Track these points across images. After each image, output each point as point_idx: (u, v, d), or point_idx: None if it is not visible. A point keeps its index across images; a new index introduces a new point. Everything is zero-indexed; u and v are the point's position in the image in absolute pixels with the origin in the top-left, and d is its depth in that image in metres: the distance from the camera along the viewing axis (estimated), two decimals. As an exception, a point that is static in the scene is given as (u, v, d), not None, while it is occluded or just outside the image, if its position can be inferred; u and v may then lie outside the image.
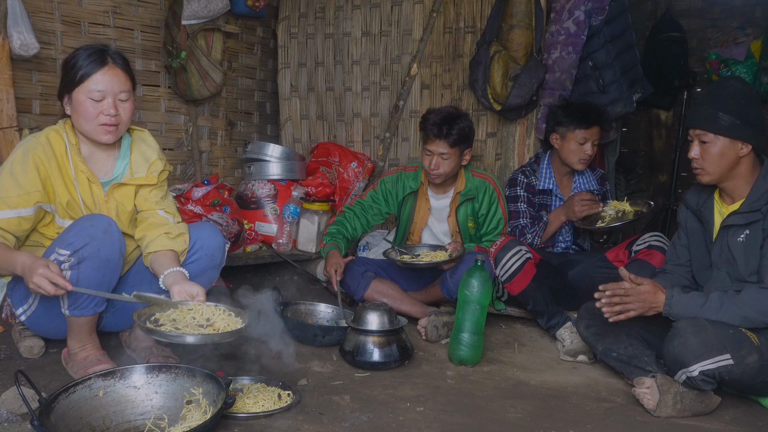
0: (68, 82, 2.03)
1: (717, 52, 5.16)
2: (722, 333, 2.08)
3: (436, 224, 3.21)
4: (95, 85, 2.01)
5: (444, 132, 2.94)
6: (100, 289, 1.95)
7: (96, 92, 2.01)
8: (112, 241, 1.94)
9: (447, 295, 2.95)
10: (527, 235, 3.08)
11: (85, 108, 2.02)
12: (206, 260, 2.21)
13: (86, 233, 1.91)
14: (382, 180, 3.27)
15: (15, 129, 2.77)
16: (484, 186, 3.12)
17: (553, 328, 2.82)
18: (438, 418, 2.01)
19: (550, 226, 3.08)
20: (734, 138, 2.19)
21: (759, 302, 2.10)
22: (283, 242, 3.66)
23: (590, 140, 3.03)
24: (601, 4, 3.39)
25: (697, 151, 2.25)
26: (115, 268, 1.99)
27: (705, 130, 2.21)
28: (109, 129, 2.06)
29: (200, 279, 2.16)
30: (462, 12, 3.75)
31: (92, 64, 2.02)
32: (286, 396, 2.01)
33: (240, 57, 4.13)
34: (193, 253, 2.20)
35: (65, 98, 2.07)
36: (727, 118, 2.17)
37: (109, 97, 2.03)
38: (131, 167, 2.20)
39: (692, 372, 2.05)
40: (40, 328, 2.17)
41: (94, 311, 2.01)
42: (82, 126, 2.06)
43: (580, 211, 2.96)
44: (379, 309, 2.44)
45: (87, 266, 1.90)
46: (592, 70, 3.45)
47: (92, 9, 3.25)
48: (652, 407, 2.12)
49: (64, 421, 1.64)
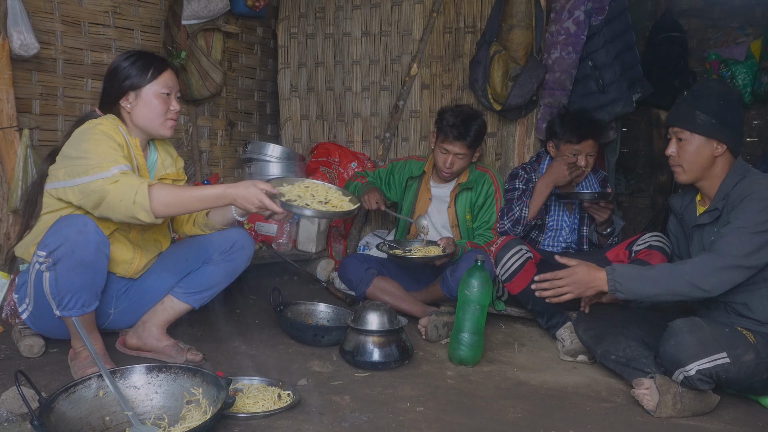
0: (137, 80, 2.14)
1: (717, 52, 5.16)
2: (718, 332, 2.09)
3: (436, 215, 3.24)
4: (166, 81, 2.17)
5: (463, 133, 3.00)
6: (83, 291, 1.95)
7: (166, 88, 2.17)
8: (86, 242, 1.92)
9: (448, 294, 2.96)
10: (514, 209, 3.06)
11: (156, 103, 2.15)
12: (243, 259, 2.33)
13: (60, 234, 1.91)
14: (392, 164, 3.39)
15: (15, 129, 2.77)
16: (483, 178, 3.18)
17: (553, 327, 2.82)
18: (438, 418, 2.01)
19: (538, 195, 3.04)
20: (709, 137, 2.23)
21: (704, 265, 2.12)
22: (283, 242, 3.66)
23: (583, 153, 3.03)
24: (601, 4, 3.39)
25: (674, 149, 2.30)
26: (95, 269, 1.97)
27: (682, 127, 2.27)
28: (173, 124, 2.23)
29: (228, 278, 2.34)
30: (462, 12, 3.75)
31: (159, 63, 2.18)
32: (286, 396, 2.01)
33: (240, 57, 4.13)
34: (234, 251, 2.30)
35: (129, 96, 2.15)
36: (704, 117, 2.21)
37: (173, 94, 2.21)
38: (162, 163, 2.31)
39: (689, 371, 2.06)
40: (40, 326, 2.18)
41: (82, 311, 1.99)
42: (149, 121, 2.17)
43: (569, 171, 2.97)
44: (379, 309, 2.44)
45: (62, 267, 1.91)
46: (592, 70, 3.45)
47: (92, 9, 3.25)
48: (652, 408, 2.12)
49: (64, 421, 1.64)
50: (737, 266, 2.09)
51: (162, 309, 2.31)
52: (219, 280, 2.32)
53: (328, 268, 3.64)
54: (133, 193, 1.91)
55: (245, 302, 3.13)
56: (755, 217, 2.10)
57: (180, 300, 2.31)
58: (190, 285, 2.30)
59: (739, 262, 2.09)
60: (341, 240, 3.96)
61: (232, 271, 2.34)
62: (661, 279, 2.14)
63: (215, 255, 2.29)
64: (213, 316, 2.87)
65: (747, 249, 2.09)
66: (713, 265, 2.11)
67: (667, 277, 2.14)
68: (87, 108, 3.24)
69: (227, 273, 2.32)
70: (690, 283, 2.11)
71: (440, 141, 3.08)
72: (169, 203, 1.97)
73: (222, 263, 2.29)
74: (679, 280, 2.12)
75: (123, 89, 2.15)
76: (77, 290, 1.95)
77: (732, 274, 2.10)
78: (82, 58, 3.22)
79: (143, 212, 1.92)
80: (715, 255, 2.13)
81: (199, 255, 2.30)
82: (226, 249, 2.29)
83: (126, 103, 2.16)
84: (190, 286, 2.30)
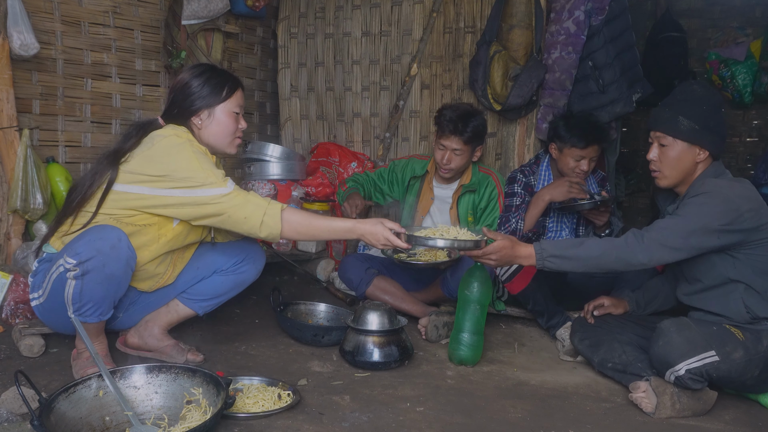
0: (212, 99, 2.16)
1: (717, 52, 5.16)
2: (706, 330, 2.10)
3: (438, 215, 3.24)
4: (238, 101, 2.21)
5: (459, 129, 3.00)
6: (104, 302, 1.98)
7: (238, 107, 2.21)
8: (118, 257, 1.95)
9: (448, 294, 2.96)
10: (511, 221, 3.07)
11: (228, 123, 2.19)
12: (252, 272, 2.37)
13: (94, 246, 1.91)
14: (393, 163, 3.39)
15: (15, 129, 2.78)
16: (486, 180, 3.18)
17: (553, 327, 2.82)
18: (438, 418, 2.01)
19: (534, 207, 3.04)
20: (692, 143, 2.20)
21: (635, 242, 2.15)
22: (283, 242, 3.66)
23: (587, 158, 3.01)
24: (601, 4, 3.39)
25: (655, 154, 2.27)
26: (119, 283, 2.00)
27: (664, 132, 2.24)
28: (240, 142, 2.28)
29: (236, 289, 2.36)
30: (462, 12, 3.75)
31: (233, 82, 2.21)
32: (286, 396, 2.01)
33: (240, 57, 4.13)
34: (245, 263, 2.34)
35: (201, 113, 2.16)
36: (687, 123, 2.19)
37: (242, 112, 2.25)
38: None
39: (679, 371, 2.06)
40: (46, 319, 2.19)
41: (98, 319, 2.02)
42: (219, 139, 2.20)
43: (569, 192, 2.96)
44: (379, 309, 2.44)
45: (90, 279, 1.92)
46: (592, 70, 3.45)
47: (92, 9, 3.25)
48: (651, 410, 2.12)
49: (64, 421, 1.64)
50: (662, 245, 2.12)
51: (166, 311, 2.32)
52: (226, 290, 2.34)
53: (328, 268, 3.64)
54: (261, 213, 2.01)
55: (245, 302, 3.13)
56: (693, 209, 2.12)
57: (185, 305, 2.32)
58: (198, 292, 2.31)
59: (667, 243, 2.12)
60: (341, 240, 3.96)
61: (241, 283, 2.36)
62: (589, 257, 2.17)
63: (226, 266, 2.31)
64: (213, 316, 2.87)
65: (676, 235, 2.12)
66: (642, 244, 2.14)
67: (597, 255, 2.16)
68: (87, 108, 3.25)
69: (235, 284, 2.35)
70: (619, 258, 2.15)
71: (438, 137, 3.10)
72: (300, 230, 2.07)
73: (232, 275, 2.32)
74: (610, 255, 2.16)
75: (197, 107, 2.16)
76: (99, 301, 1.97)
77: (661, 251, 2.13)
78: (82, 58, 3.22)
79: (269, 233, 2.03)
80: (645, 233, 2.16)
81: (211, 264, 2.31)
82: (238, 261, 2.32)
83: (198, 120, 2.17)
84: (197, 294, 2.31)
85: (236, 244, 2.36)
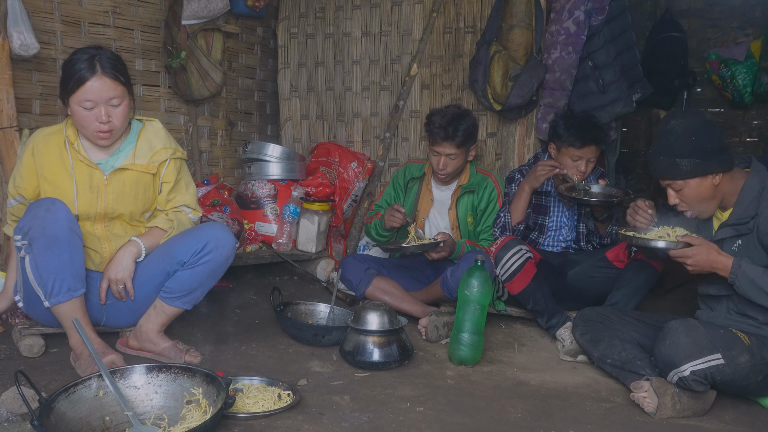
0: (63, 90, 2.15)
1: (717, 52, 5.17)
2: (713, 333, 2.09)
3: (438, 217, 3.24)
4: (85, 95, 2.10)
5: (450, 134, 2.99)
6: (63, 271, 2.01)
7: (86, 102, 2.10)
8: (55, 218, 2.00)
9: (448, 294, 2.95)
10: (500, 216, 3.10)
11: (79, 116, 2.13)
12: (220, 259, 2.25)
13: (30, 215, 2.01)
14: (393, 175, 3.39)
15: (15, 129, 2.77)
16: (485, 182, 3.18)
17: (553, 327, 2.82)
18: (438, 418, 2.01)
19: (517, 198, 3.06)
20: (702, 175, 2.16)
21: None
22: (283, 242, 3.66)
23: (584, 158, 3.01)
24: (601, 4, 3.39)
25: (675, 199, 2.25)
26: (69, 246, 2.02)
27: (671, 179, 2.21)
28: (103, 135, 2.16)
29: (211, 279, 2.27)
30: (462, 12, 3.74)
31: (81, 73, 2.09)
32: (286, 396, 2.01)
33: (240, 57, 4.12)
34: (207, 253, 2.21)
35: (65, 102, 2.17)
36: (687, 162, 2.15)
37: (100, 105, 2.12)
38: (134, 153, 2.27)
39: (683, 372, 2.06)
40: (33, 313, 2.21)
41: (69, 296, 2.03)
42: (80, 130, 2.20)
43: (541, 174, 2.97)
44: (379, 309, 2.44)
45: (38, 247, 1.98)
46: (592, 70, 3.45)
47: (92, 9, 3.24)
48: (652, 410, 2.12)
49: (64, 421, 1.64)
50: None
51: (155, 313, 2.29)
52: (201, 282, 2.26)
53: (328, 268, 3.64)
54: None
55: (245, 302, 3.13)
56: None
57: (169, 304, 2.28)
58: (173, 290, 2.25)
59: None
60: (341, 240, 3.96)
61: (212, 272, 2.26)
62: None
63: (188, 257, 2.21)
64: (213, 316, 2.88)
65: None
66: None
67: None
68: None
69: (206, 275, 2.25)
70: None
71: (430, 144, 3.09)
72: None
73: (198, 266, 2.21)
74: None
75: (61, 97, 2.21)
76: (57, 271, 1.99)
77: None
78: (82, 58, 3.22)
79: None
80: None
81: (173, 255, 2.23)
82: (197, 250, 2.20)
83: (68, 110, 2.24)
84: (173, 291, 2.25)
85: (195, 232, 2.26)
